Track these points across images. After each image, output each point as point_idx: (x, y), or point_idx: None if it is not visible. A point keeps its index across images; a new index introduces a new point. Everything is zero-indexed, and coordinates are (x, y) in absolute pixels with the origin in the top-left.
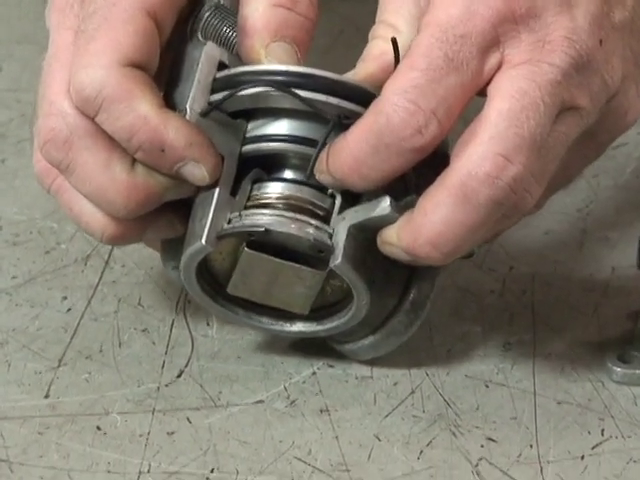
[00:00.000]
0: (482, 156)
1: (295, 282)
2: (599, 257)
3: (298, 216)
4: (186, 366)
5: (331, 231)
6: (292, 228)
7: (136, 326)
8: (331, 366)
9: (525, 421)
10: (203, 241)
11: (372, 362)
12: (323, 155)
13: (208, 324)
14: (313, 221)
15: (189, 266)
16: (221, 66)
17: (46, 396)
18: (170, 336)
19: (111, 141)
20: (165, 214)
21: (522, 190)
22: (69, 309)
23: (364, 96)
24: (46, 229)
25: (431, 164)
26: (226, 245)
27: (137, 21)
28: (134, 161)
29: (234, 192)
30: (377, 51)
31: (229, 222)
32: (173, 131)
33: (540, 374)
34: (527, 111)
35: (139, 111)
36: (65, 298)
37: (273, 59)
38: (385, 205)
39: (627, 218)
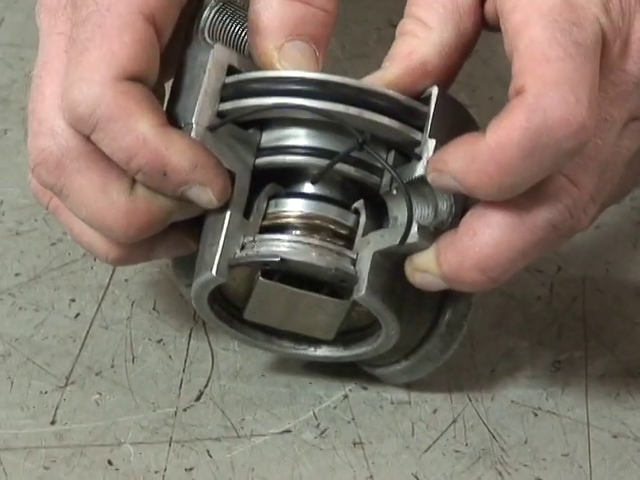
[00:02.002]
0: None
1: (317, 311)
2: None
3: (318, 241)
4: (206, 386)
5: (354, 256)
6: (311, 257)
7: (151, 336)
8: (364, 388)
9: (578, 458)
10: (213, 272)
11: (409, 384)
12: (443, 153)
13: None
14: (334, 246)
15: (200, 295)
16: (231, 69)
17: (52, 422)
18: (188, 349)
19: (107, 162)
20: (174, 233)
21: (580, 212)
22: (77, 314)
23: (389, 104)
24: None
25: None
26: (240, 272)
27: (134, 28)
28: (134, 182)
29: (248, 210)
30: (405, 49)
31: (242, 248)
32: (175, 153)
33: (593, 400)
34: (595, 129)
35: (137, 131)
36: (73, 300)
37: (287, 63)
38: (414, 232)
39: None
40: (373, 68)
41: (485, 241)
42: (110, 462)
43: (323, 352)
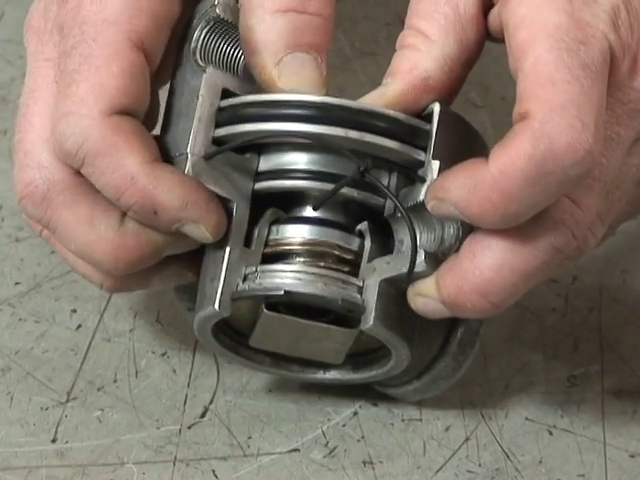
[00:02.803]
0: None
1: (324, 339)
2: None
3: (322, 270)
4: (211, 402)
5: (360, 284)
6: (317, 288)
7: (154, 349)
8: (374, 404)
9: (594, 479)
10: (216, 307)
11: (421, 400)
12: (444, 181)
13: None
14: (339, 274)
15: (203, 328)
16: (225, 92)
17: (53, 440)
18: (193, 362)
19: (94, 196)
20: (171, 264)
21: (586, 233)
22: (79, 326)
23: (390, 125)
24: None
25: None
26: (244, 302)
27: (122, 58)
28: (124, 216)
29: (249, 236)
30: (406, 65)
31: (245, 279)
32: (165, 191)
33: (610, 418)
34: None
35: (125, 169)
36: (74, 311)
37: (288, 78)
38: (420, 260)
39: None
40: (383, 66)
41: (486, 264)
42: None
43: (332, 375)
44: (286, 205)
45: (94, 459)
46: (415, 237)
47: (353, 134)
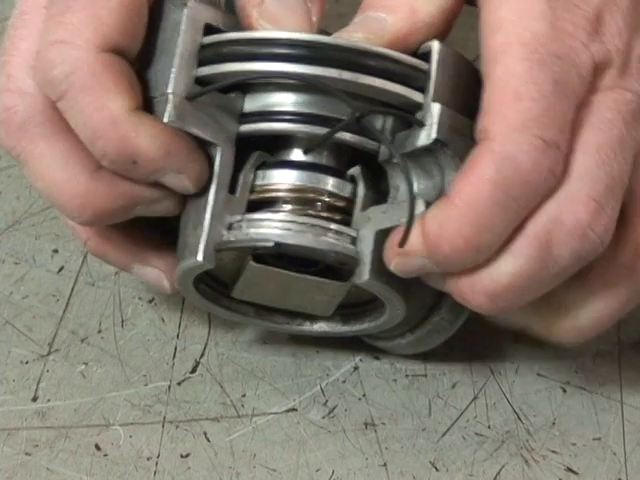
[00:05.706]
0: (574, 199)
1: (314, 292)
2: None
3: (312, 220)
4: (202, 356)
5: (354, 234)
6: (308, 239)
7: (141, 295)
8: (376, 358)
9: (611, 443)
10: (199, 258)
11: (425, 353)
12: (413, 233)
13: None
14: (331, 223)
15: (185, 280)
16: (209, 28)
17: (34, 398)
18: (182, 310)
19: (75, 135)
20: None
21: (610, 239)
22: (61, 268)
23: (388, 66)
24: None
25: None
26: (228, 253)
27: None
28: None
29: (233, 182)
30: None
31: (230, 228)
32: (147, 140)
33: (627, 373)
34: (615, 146)
35: (108, 111)
36: (56, 251)
37: (268, 22)
38: (421, 211)
39: None
40: None
41: (502, 271)
42: (98, 447)
43: (320, 327)
44: (272, 148)
45: (77, 420)
46: (412, 189)
47: (347, 75)
